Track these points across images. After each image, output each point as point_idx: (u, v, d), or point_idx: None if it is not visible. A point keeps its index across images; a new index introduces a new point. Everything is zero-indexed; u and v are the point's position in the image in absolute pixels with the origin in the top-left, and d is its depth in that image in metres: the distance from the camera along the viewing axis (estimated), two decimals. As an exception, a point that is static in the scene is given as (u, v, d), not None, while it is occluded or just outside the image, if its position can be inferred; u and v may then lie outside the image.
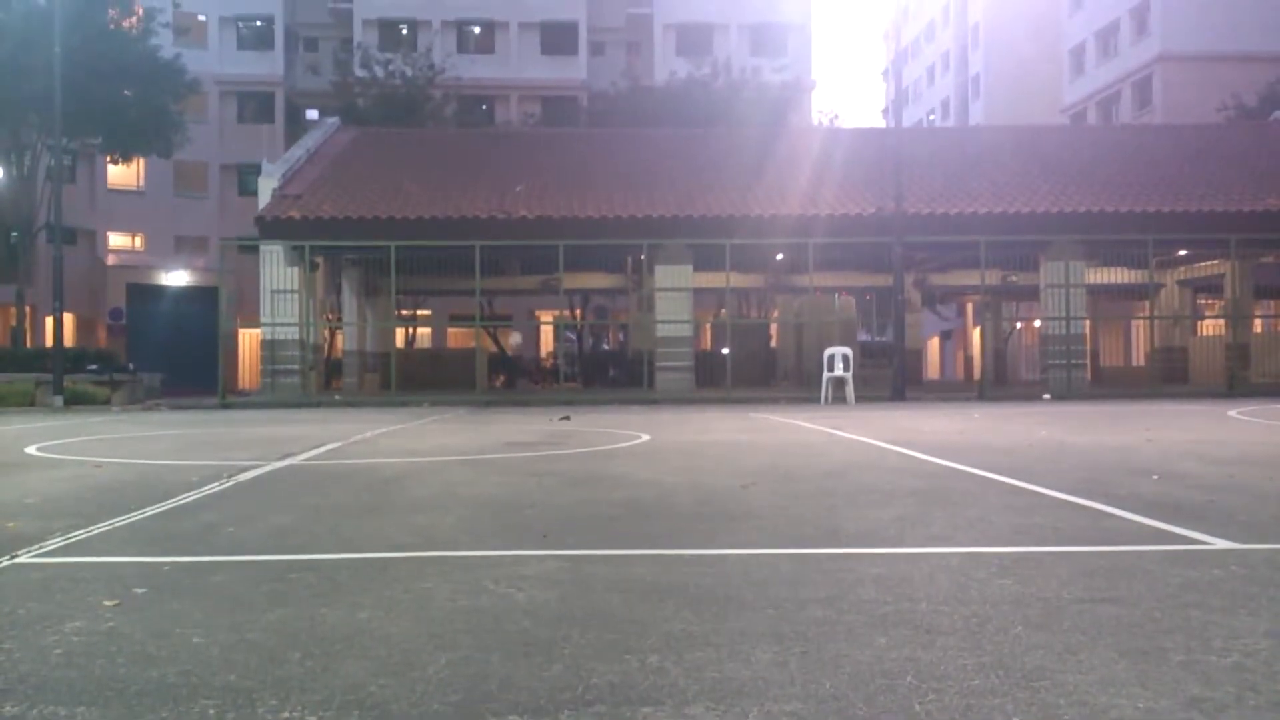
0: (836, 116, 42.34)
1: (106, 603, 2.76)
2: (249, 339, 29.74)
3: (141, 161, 35.97)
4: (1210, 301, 28.16)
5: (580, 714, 1.83)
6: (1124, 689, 1.94)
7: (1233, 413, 12.51)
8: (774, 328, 28.89)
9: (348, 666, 2.13)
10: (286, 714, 1.87)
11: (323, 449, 8.07)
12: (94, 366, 20.66)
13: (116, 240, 39.23)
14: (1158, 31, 42.07)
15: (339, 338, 27.72)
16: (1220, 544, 3.46)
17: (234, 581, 3.04)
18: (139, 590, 2.91)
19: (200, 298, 30.71)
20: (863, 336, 28.20)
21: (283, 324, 20.99)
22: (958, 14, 60.31)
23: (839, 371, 17.79)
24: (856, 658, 2.16)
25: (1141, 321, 28.15)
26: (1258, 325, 25.96)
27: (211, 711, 1.89)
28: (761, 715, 1.82)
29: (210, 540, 3.79)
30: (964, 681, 1.99)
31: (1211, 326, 26.72)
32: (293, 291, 21.12)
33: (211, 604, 2.75)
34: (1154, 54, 42.12)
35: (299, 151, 24.80)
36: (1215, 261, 24.53)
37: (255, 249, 21.74)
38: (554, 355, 31.54)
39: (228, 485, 5.49)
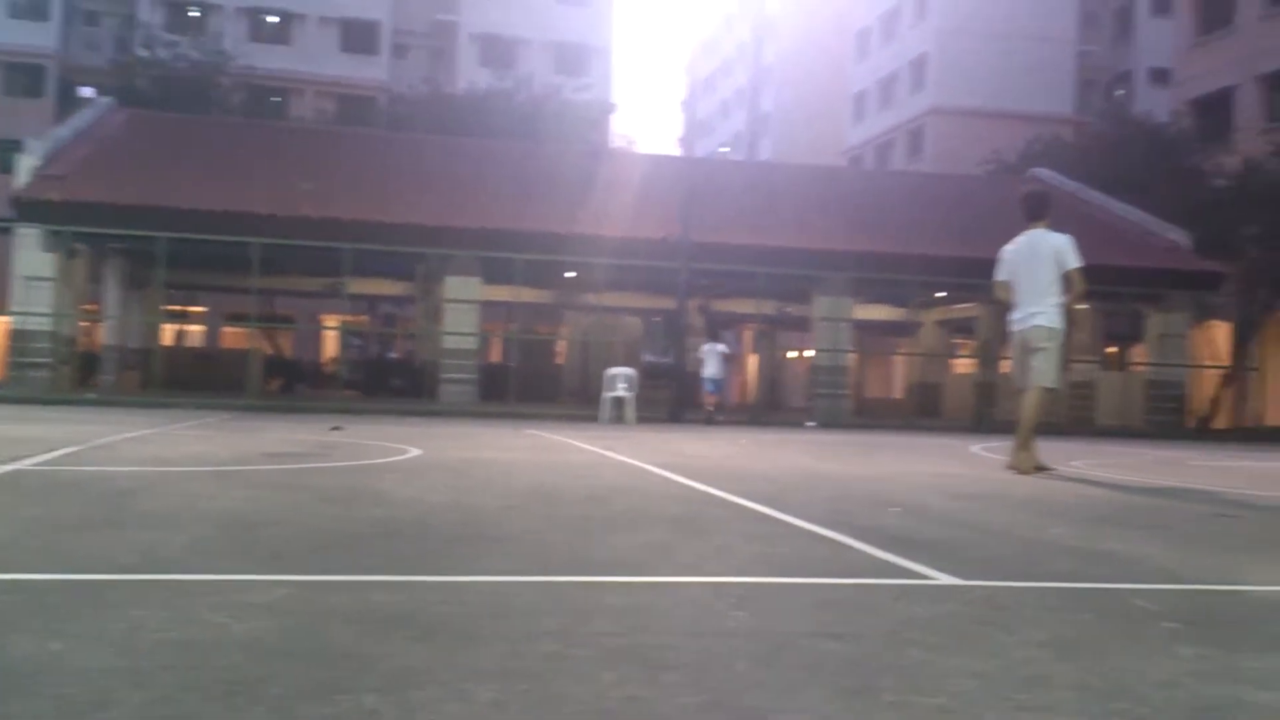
0: (634, 141, 43.17)
1: None
2: (-3, 327, 27.38)
3: (-112, 128, 32.68)
4: (964, 341, 30.18)
5: (275, 761, 1.73)
6: (832, 730, 1.99)
7: (975, 448, 13.37)
8: (561, 344, 29.00)
9: (26, 706, 1.94)
10: (-61, 763, 1.68)
11: (57, 453, 7.47)
12: None
13: None
14: (932, 86, 45.00)
15: (99, 331, 25.94)
16: (946, 579, 3.62)
17: (-84, 605, 2.74)
18: None
19: (-56, 279, 28.04)
20: (647, 358, 28.67)
21: (35, 314, 19.52)
22: (753, 54, 62.66)
23: (620, 392, 18.01)
24: (579, 696, 2.13)
25: (902, 357, 29.84)
26: (1004, 365, 27.93)
27: None
28: (470, 760, 1.77)
29: (-100, 555, 3.42)
30: (680, 722, 2.00)
31: (964, 365, 28.65)
32: (48, 279, 19.67)
33: (-117, 631, 2.46)
34: (927, 106, 45.04)
35: (66, 131, 23.14)
36: (970, 305, 26.32)
37: (9, 231, 20.18)
38: (336, 361, 30.61)
39: (-63, 491, 4.99)
